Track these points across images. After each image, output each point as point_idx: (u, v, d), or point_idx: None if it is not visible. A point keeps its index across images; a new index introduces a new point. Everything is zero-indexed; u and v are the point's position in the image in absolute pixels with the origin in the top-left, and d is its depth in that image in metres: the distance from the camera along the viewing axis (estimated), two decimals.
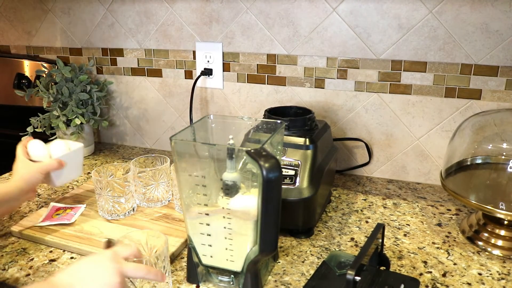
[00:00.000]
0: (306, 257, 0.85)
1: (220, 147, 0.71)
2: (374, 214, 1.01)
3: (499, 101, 1.05)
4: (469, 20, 1.01)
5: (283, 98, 1.23)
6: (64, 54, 1.44)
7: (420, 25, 1.05)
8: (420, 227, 0.95)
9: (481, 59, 1.03)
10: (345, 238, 0.91)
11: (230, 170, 0.70)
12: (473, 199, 0.86)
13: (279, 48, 1.19)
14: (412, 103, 1.12)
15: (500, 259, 0.83)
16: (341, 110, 1.18)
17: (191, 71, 1.31)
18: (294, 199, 0.86)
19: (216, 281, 0.77)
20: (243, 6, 1.18)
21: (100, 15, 1.34)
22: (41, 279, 0.78)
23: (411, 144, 1.15)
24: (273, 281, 0.78)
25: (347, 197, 1.09)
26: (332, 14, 1.11)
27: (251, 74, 1.24)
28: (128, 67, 1.37)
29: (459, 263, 0.82)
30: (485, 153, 0.93)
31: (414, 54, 1.08)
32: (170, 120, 1.38)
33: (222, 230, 0.72)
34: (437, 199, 1.08)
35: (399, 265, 0.82)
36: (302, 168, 0.88)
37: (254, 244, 0.71)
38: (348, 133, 1.20)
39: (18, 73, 1.44)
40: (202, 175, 0.71)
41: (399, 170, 1.19)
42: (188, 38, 1.27)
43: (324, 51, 1.15)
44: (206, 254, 0.76)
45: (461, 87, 1.06)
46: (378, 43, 1.10)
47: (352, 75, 1.14)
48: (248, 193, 0.71)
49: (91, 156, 1.37)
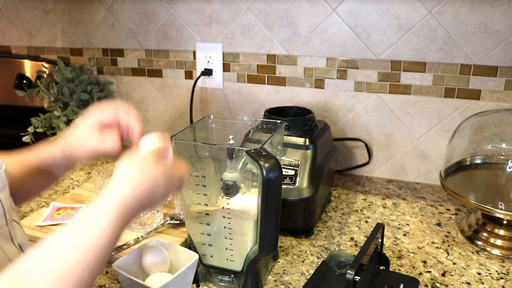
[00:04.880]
0: (306, 257, 0.85)
1: (220, 147, 0.71)
2: (373, 214, 1.01)
3: (498, 101, 1.05)
4: (468, 20, 1.01)
5: (283, 98, 1.23)
6: (64, 55, 1.44)
7: (419, 25, 1.05)
8: (420, 226, 0.95)
9: (480, 59, 1.03)
10: (344, 237, 0.91)
11: (230, 170, 0.70)
12: (472, 199, 0.86)
13: (279, 48, 1.19)
14: (412, 103, 1.12)
15: (499, 259, 0.84)
16: (341, 110, 1.19)
17: (191, 71, 1.31)
18: (294, 199, 0.86)
19: (216, 280, 0.77)
20: (243, 7, 1.18)
21: (100, 15, 1.34)
22: None
23: (410, 144, 1.15)
24: (273, 280, 0.78)
25: (347, 197, 1.09)
26: (332, 14, 1.11)
27: (251, 74, 1.24)
28: (128, 67, 1.38)
29: (459, 263, 0.82)
30: (484, 153, 0.94)
31: (414, 55, 1.08)
32: (170, 120, 1.38)
33: (222, 230, 0.73)
34: (436, 199, 1.08)
35: (398, 265, 0.82)
36: (302, 168, 0.89)
37: (254, 244, 0.71)
38: (348, 133, 1.20)
39: (19, 73, 1.44)
40: (202, 175, 0.71)
41: (399, 170, 1.19)
42: (188, 38, 1.27)
43: (324, 52, 1.15)
44: (206, 254, 0.76)
45: (461, 87, 1.07)
46: (377, 43, 1.10)
47: (351, 75, 1.15)
48: (248, 193, 0.71)
49: None
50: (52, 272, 0.43)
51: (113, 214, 0.49)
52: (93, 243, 0.46)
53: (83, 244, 0.46)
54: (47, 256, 0.44)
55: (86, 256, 0.45)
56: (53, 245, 0.46)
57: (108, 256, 0.49)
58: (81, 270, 0.44)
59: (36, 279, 0.42)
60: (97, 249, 0.46)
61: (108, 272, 0.80)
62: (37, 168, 0.67)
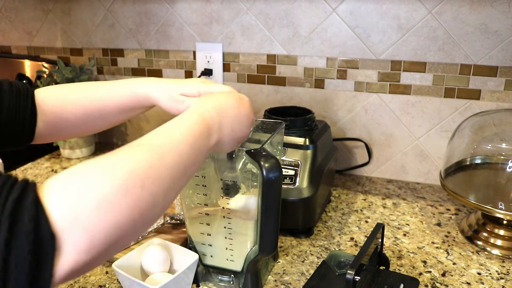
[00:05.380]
0: (306, 257, 0.85)
1: None
2: (373, 214, 1.01)
3: (498, 101, 1.05)
4: (468, 20, 1.01)
5: (283, 98, 1.23)
6: (64, 55, 1.44)
7: (419, 25, 1.05)
8: (420, 226, 0.95)
9: (480, 59, 1.03)
10: (344, 237, 0.91)
11: (230, 170, 0.70)
12: (472, 199, 0.86)
13: (279, 48, 1.19)
14: (412, 103, 1.12)
15: (499, 259, 0.84)
16: (341, 110, 1.19)
17: (191, 71, 1.31)
18: (294, 199, 0.86)
19: (216, 280, 0.77)
20: (243, 7, 1.18)
21: (100, 15, 1.34)
22: None
23: (410, 144, 1.15)
24: (273, 280, 0.78)
25: (347, 197, 1.09)
26: (332, 14, 1.11)
27: (251, 74, 1.24)
28: (128, 68, 1.38)
29: (459, 263, 0.82)
30: (484, 153, 0.94)
31: (414, 55, 1.08)
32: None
33: (222, 230, 0.73)
34: (436, 199, 1.08)
35: (398, 265, 0.82)
36: (302, 168, 0.89)
37: (254, 244, 0.71)
38: (348, 133, 1.20)
39: (19, 73, 1.44)
40: (202, 175, 0.71)
41: (399, 170, 1.19)
42: (188, 38, 1.27)
43: (324, 52, 1.15)
44: (206, 254, 0.76)
45: (461, 87, 1.07)
46: (377, 43, 1.10)
47: (351, 75, 1.15)
48: (248, 193, 0.71)
49: (92, 156, 1.37)
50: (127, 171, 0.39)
51: (193, 123, 0.48)
52: (172, 150, 0.44)
53: (160, 151, 0.43)
54: (120, 157, 0.41)
55: (164, 163, 0.43)
56: (125, 151, 0.42)
57: (191, 169, 0.46)
58: (159, 173, 0.41)
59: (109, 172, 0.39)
60: (177, 157, 0.44)
61: (108, 272, 0.80)
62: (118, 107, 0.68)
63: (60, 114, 0.67)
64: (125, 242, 0.40)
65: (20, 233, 0.33)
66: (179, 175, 0.45)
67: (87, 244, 0.36)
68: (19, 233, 0.33)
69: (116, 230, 0.37)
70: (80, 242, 0.35)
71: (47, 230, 0.34)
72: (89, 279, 0.78)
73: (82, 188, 0.37)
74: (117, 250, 0.40)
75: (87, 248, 0.36)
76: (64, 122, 0.67)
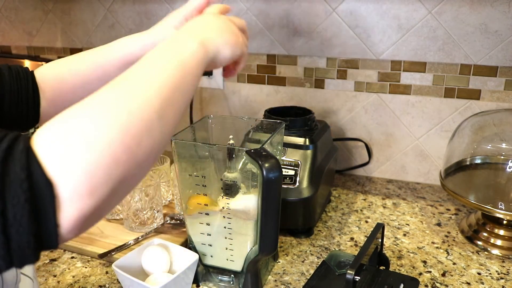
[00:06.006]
0: (306, 257, 0.85)
1: (220, 147, 0.71)
2: (373, 214, 1.01)
3: (498, 101, 1.05)
4: (468, 20, 1.01)
5: (283, 98, 1.23)
6: (64, 55, 1.44)
7: (419, 25, 1.05)
8: (420, 226, 0.95)
9: (480, 59, 1.03)
10: (344, 237, 0.91)
11: (230, 170, 0.70)
12: (472, 199, 0.86)
13: (279, 48, 1.19)
14: (412, 104, 1.12)
15: (499, 259, 0.84)
16: (341, 110, 1.19)
17: None
18: (294, 199, 0.86)
19: (216, 280, 0.77)
20: (243, 7, 1.18)
21: (100, 15, 1.34)
22: (41, 279, 0.78)
23: (410, 144, 1.15)
24: (273, 280, 0.78)
25: (347, 197, 1.09)
26: (332, 14, 1.11)
27: (251, 74, 1.24)
28: None
29: (459, 263, 0.82)
30: (484, 153, 0.94)
31: (414, 55, 1.08)
32: None
33: (222, 230, 0.73)
34: (436, 199, 1.08)
35: (398, 265, 0.82)
36: (302, 168, 0.89)
37: (254, 244, 0.71)
38: (348, 133, 1.20)
39: None
40: (202, 175, 0.71)
41: (399, 170, 1.19)
42: None
43: (324, 52, 1.15)
44: (206, 254, 0.76)
45: (461, 87, 1.07)
46: (377, 43, 1.10)
47: (351, 75, 1.15)
48: (248, 193, 0.71)
49: None
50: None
51: (171, 40, 0.49)
52: (152, 69, 0.44)
53: (139, 74, 0.43)
54: (104, 92, 0.40)
55: (148, 84, 0.42)
56: (110, 84, 0.41)
57: (183, 82, 0.45)
58: (144, 95, 0.41)
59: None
60: (161, 75, 0.43)
61: (108, 272, 0.80)
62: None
63: (60, 88, 0.67)
64: (129, 180, 0.38)
65: (13, 183, 0.32)
66: (169, 92, 0.43)
67: (87, 186, 0.34)
68: (12, 183, 0.32)
69: (114, 165, 0.36)
70: (79, 185, 0.34)
71: (42, 177, 0.33)
72: (89, 279, 0.78)
73: (70, 129, 0.36)
74: (123, 191, 0.39)
75: (89, 190, 0.34)
76: (65, 95, 0.67)
